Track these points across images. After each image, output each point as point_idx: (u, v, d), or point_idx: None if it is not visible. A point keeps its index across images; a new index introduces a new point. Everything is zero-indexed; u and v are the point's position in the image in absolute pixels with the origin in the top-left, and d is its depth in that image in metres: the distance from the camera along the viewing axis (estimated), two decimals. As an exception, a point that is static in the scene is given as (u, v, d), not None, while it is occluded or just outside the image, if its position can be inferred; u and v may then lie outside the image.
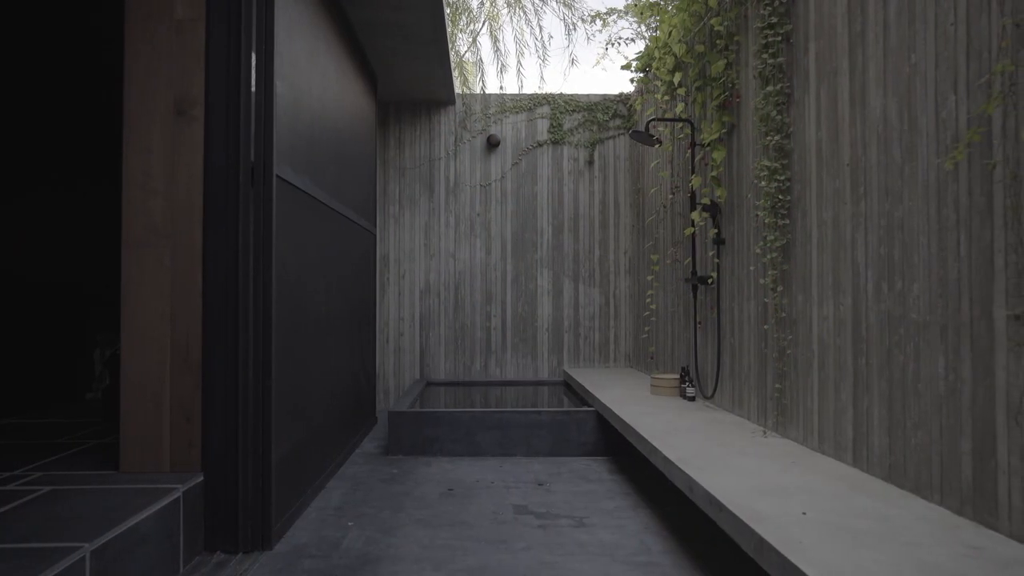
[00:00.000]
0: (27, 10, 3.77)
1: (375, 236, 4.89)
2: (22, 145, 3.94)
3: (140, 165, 2.38)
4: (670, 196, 4.42)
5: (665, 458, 2.45)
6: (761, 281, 2.93)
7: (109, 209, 2.98)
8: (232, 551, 2.34)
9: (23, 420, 3.46)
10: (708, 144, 3.46)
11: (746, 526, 1.71)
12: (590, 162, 5.68)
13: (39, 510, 1.94)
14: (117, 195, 2.42)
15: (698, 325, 3.80)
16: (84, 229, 4.33)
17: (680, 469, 2.27)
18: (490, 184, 5.66)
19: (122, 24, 2.42)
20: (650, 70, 4.52)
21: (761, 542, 1.62)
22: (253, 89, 2.41)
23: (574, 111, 5.68)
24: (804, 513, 1.78)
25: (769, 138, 2.77)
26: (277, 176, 2.51)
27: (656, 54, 3.98)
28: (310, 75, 3.04)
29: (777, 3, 2.76)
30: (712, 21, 3.32)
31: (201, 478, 2.32)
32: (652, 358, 4.90)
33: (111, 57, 3.01)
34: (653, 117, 4.33)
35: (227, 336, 2.37)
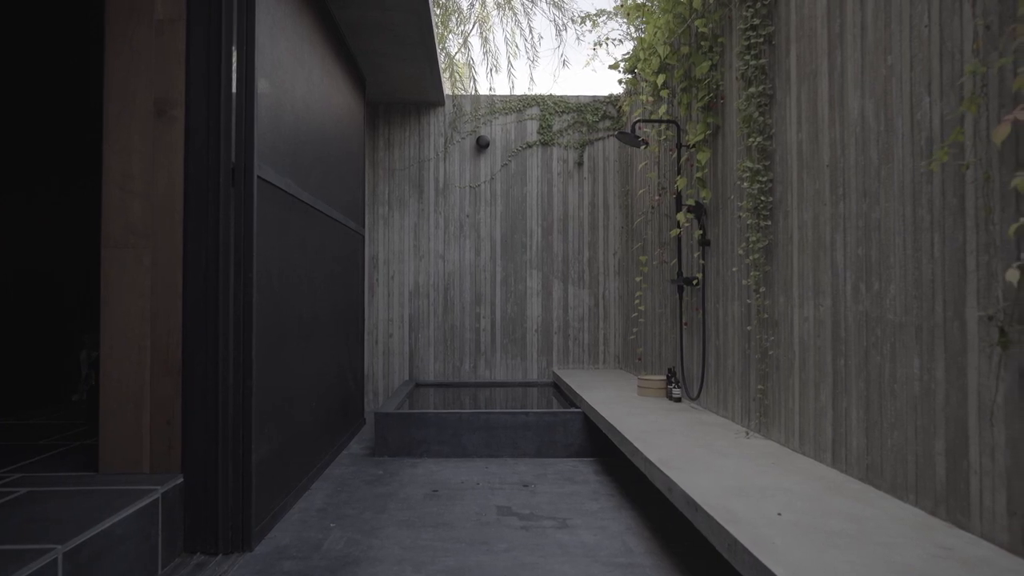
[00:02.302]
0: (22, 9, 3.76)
1: (364, 237, 4.88)
2: (11, 144, 3.92)
3: (119, 166, 2.37)
4: (657, 197, 4.43)
5: (646, 459, 2.45)
6: (744, 282, 2.94)
7: (96, 209, 2.97)
8: (212, 553, 2.33)
9: (7, 421, 3.44)
10: (693, 145, 3.47)
11: (720, 526, 1.71)
12: (579, 163, 5.68)
13: (14, 512, 1.93)
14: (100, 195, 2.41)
15: (684, 326, 3.81)
16: (72, 230, 4.30)
17: (660, 470, 2.27)
18: (479, 185, 5.66)
19: (102, 24, 2.41)
20: (637, 71, 4.53)
21: (734, 542, 1.62)
22: (234, 90, 2.41)
23: (563, 112, 5.69)
24: (779, 514, 1.78)
25: (751, 139, 2.78)
26: (258, 177, 2.50)
27: (642, 55, 3.99)
28: (294, 76, 3.04)
29: (759, 4, 2.77)
30: (697, 22, 3.32)
31: (181, 480, 2.32)
32: (640, 359, 4.90)
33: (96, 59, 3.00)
34: (639, 118, 4.34)
35: (207, 337, 2.36)
